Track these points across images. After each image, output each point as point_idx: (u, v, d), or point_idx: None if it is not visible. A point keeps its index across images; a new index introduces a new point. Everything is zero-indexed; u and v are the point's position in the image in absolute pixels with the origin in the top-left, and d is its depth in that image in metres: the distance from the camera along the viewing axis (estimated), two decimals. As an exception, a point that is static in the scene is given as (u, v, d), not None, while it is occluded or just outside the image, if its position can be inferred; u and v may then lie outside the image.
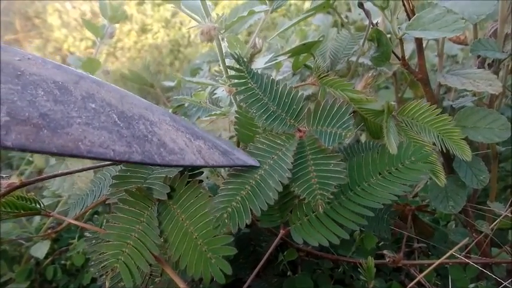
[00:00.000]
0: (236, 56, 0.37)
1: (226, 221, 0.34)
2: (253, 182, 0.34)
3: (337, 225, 0.35)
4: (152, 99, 1.54)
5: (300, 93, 0.38)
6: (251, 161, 0.35)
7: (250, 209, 0.33)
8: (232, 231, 0.33)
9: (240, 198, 0.34)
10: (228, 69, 0.42)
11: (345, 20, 0.91)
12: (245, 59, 0.40)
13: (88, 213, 0.65)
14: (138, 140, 0.31)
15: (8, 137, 0.27)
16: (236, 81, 0.38)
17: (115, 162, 0.38)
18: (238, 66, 0.38)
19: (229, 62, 0.42)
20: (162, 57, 1.92)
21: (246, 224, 0.33)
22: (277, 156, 0.35)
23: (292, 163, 0.34)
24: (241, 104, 0.38)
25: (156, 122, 0.33)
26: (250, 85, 0.38)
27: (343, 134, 0.34)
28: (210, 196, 0.36)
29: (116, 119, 0.31)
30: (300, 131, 0.37)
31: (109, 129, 0.30)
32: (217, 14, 0.40)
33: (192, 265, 0.34)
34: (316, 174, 0.34)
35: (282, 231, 0.37)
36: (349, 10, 0.95)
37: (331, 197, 0.33)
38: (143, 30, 2.02)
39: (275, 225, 0.38)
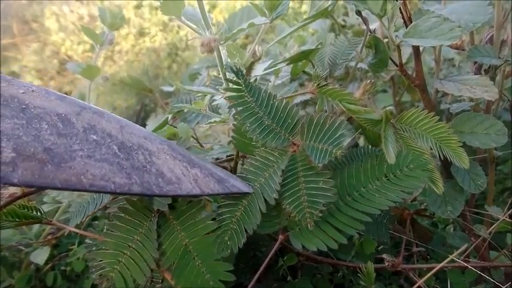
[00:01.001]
0: (235, 69, 0.38)
1: (228, 242, 0.35)
2: (246, 202, 0.36)
3: (335, 231, 0.35)
4: (150, 102, 1.54)
5: (296, 108, 0.38)
6: (245, 188, 0.36)
7: (245, 228, 0.35)
8: (234, 251, 0.35)
9: (235, 220, 0.36)
10: (227, 81, 0.42)
11: (343, 24, 0.91)
12: (244, 70, 0.40)
13: (88, 218, 0.65)
14: (137, 171, 0.32)
15: (14, 174, 0.27)
16: (233, 94, 0.38)
17: (115, 194, 0.38)
18: (236, 79, 0.38)
19: (228, 74, 0.42)
20: (160, 60, 1.92)
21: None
22: (268, 174, 0.36)
23: (280, 183, 0.35)
24: (237, 117, 0.39)
25: (155, 152, 0.33)
26: (246, 99, 0.38)
27: (334, 151, 0.35)
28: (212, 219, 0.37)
29: (116, 150, 0.31)
30: (294, 144, 0.37)
31: (110, 161, 0.31)
32: (217, 24, 0.40)
33: (188, 283, 0.35)
34: (306, 192, 0.35)
35: (280, 237, 0.38)
36: (347, 14, 0.96)
37: (320, 215, 0.34)
38: (141, 33, 2.02)
39: (274, 231, 0.38)
